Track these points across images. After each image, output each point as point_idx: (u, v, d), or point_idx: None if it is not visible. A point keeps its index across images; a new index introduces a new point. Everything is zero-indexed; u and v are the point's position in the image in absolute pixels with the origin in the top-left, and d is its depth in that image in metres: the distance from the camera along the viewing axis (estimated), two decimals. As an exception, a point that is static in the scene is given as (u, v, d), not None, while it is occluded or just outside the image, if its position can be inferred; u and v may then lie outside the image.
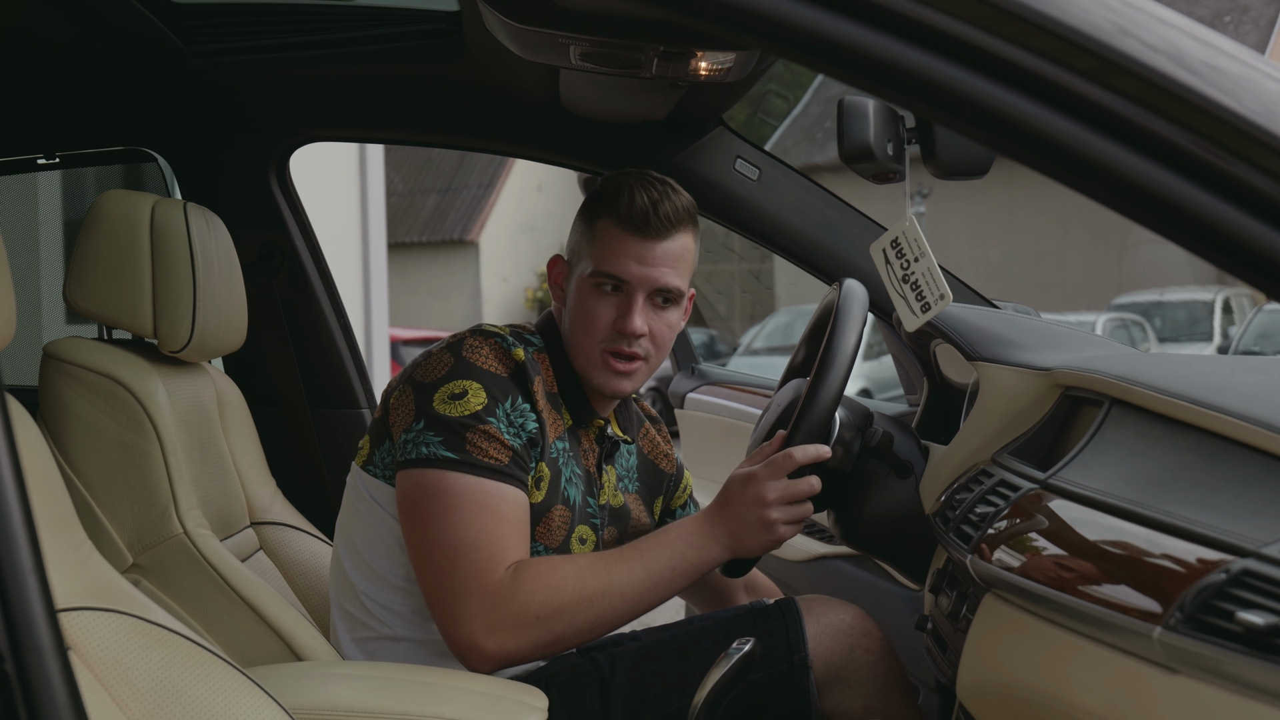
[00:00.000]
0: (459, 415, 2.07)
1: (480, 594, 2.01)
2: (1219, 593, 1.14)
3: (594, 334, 2.22)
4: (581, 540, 2.25)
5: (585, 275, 2.22)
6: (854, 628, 2.23)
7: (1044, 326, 2.28)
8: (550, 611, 2.03)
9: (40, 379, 2.19)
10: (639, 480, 2.48)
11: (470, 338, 2.16)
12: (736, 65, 2.27)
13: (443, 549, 2.04)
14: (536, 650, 2.05)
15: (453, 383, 2.10)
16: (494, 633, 2.01)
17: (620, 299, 2.22)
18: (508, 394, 2.11)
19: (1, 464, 0.94)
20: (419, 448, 2.07)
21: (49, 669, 0.93)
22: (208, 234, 2.29)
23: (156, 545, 2.13)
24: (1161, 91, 1.07)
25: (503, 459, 2.07)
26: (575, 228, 2.29)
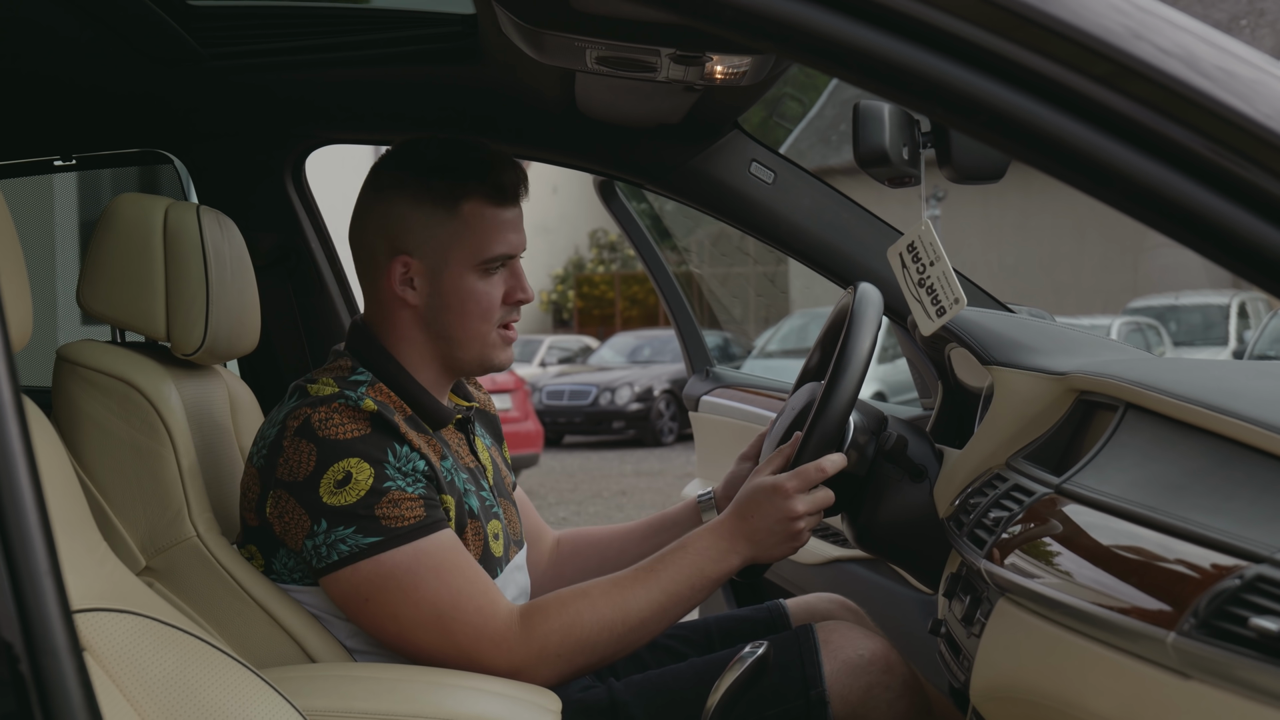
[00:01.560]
0: (356, 499, 1.97)
1: (491, 645, 2.00)
2: (1233, 598, 1.14)
3: (492, 318, 2.16)
4: (495, 536, 2.20)
5: (472, 266, 2.13)
6: (874, 663, 2.20)
7: (1059, 330, 2.28)
8: (570, 648, 2.03)
9: (54, 382, 2.20)
10: (488, 431, 2.44)
11: (313, 414, 2.01)
12: (752, 69, 2.28)
13: (427, 625, 2.00)
14: (562, 680, 2.06)
15: (329, 470, 1.98)
16: (519, 675, 2.01)
17: (505, 274, 2.17)
18: (384, 448, 2.01)
19: (18, 465, 0.95)
20: (336, 549, 1.98)
21: (64, 670, 0.94)
22: (221, 237, 2.29)
23: (170, 548, 2.13)
24: (1175, 96, 1.07)
25: (420, 513, 2.00)
26: (423, 220, 2.13)
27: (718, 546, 2.11)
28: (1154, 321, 18.74)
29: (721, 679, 1.93)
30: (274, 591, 2.13)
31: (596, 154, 2.91)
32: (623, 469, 15.68)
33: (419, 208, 2.13)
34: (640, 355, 21.87)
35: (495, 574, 2.17)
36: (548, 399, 18.90)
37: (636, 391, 18.74)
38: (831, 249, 2.75)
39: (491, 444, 2.41)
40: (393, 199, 2.15)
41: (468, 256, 2.13)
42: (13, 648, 0.93)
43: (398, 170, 2.16)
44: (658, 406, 18.74)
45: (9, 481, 0.94)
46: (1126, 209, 1.13)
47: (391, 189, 2.16)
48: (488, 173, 2.13)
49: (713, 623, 2.52)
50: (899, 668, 2.20)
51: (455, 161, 2.15)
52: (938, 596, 2.14)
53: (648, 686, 2.21)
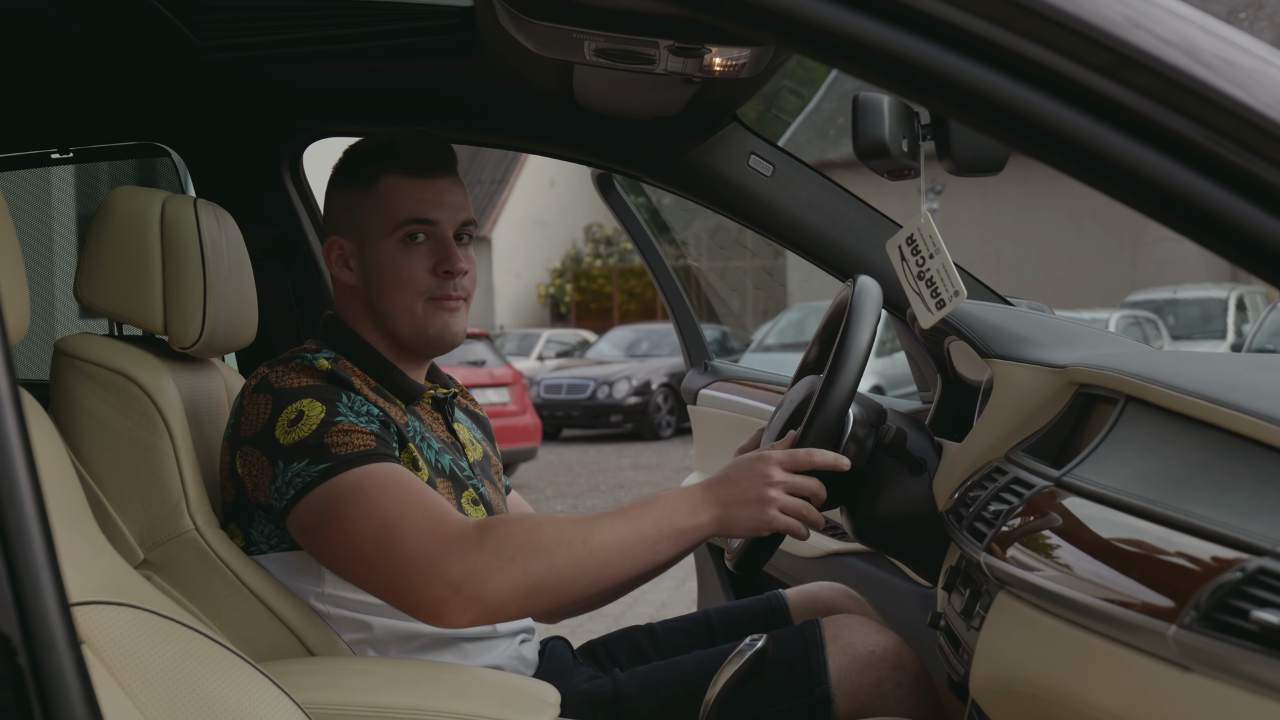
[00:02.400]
0: (308, 432, 2.01)
1: (442, 548, 1.92)
2: (1234, 591, 1.14)
3: (415, 288, 2.17)
4: (474, 502, 2.20)
5: (385, 235, 2.17)
6: (885, 659, 2.18)
7: (1058, 323, 2.27)
8: (527, 553, 1.93)
9: (51, 375, 2.19)
10: (478, 428, 2.45)
11: (270, 371, 2.10)
12: (751, 61, 2.27)
13: (371, 537, 1.96)
14: (516, 598, 1.94)
15: (283, 413, 2.04)
16: (471, 578, 1.91)
17: (432, 245, 2.18)
18: (338, 393, 2.07)
19: (16, 458, 0.94)
20: (292, 485, 2.01)
21: (63, 663, 0.93)
22: (218, 230, 2.29)
23: (168, 541, 2.13)
24: (1175, 86, 1.07)
25: (369, 443, 2.01)
26: (346, 202, 2.23)
27: (689, 499, 2.05)
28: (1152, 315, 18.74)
29: (720, 673, 1.93)
30: (272, 584, 2.13)
31: (594, 147, 2.91)
32: (620, 463, 15.68)
33: (342, 190, 2.24)
34: (638, 349, 21.87)
35: None
36: (545, 393, 18.90)
37: (634, 385, 18.75)
38: (830, 242, 2.75)
39: (482, 438, 2.42)
40: (330, 193, 2.27)
41: (384, 226, 2.18)
42: (11, 640, 0.92)
43: (337, 167, 2.27)
44: (655, 400, 18.75)
45: (7, 475, 0.94)
46: (1127, 200, 1.13)
47: (332, 185, 2.27)
48: (396, 147, 2.19)
49: (713, 614, 2.52)
50: (911, 663, 2.19)
51: (371, 143, 2.23)
52: (937, 590, 2.14)
53: (651, 679, 2.21)
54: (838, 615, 2.28)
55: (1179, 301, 19.76)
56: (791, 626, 2.28)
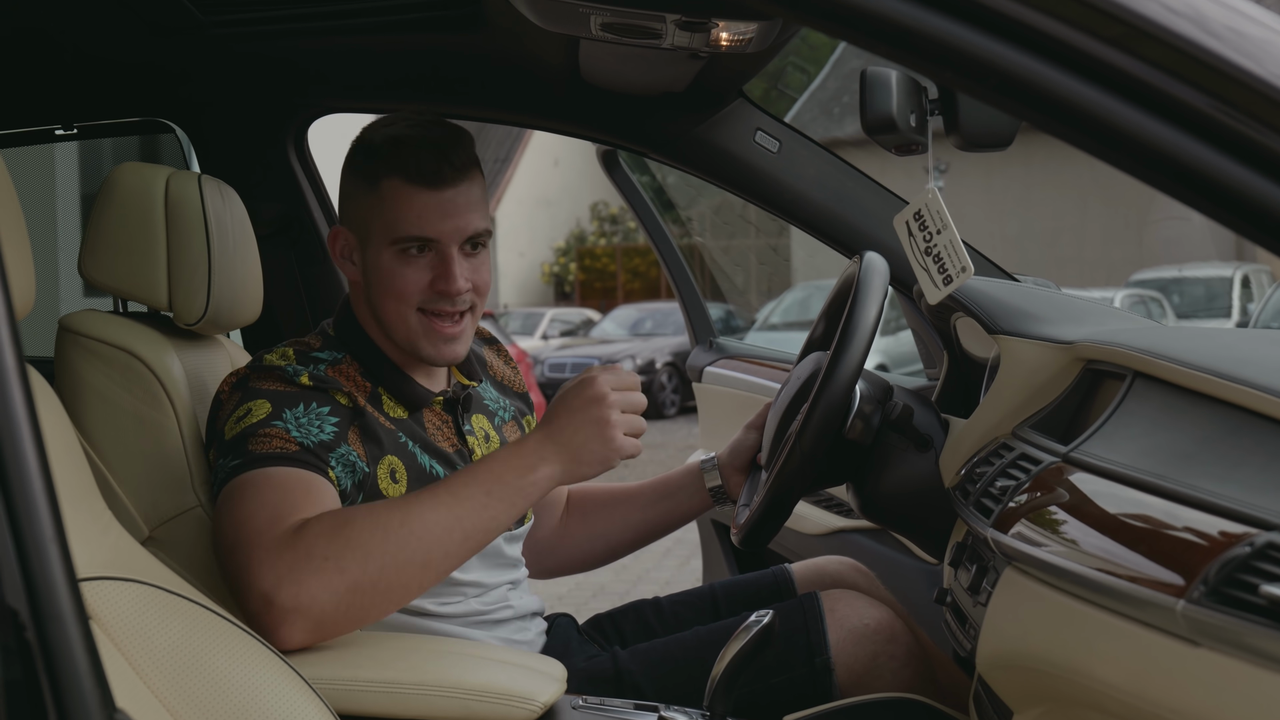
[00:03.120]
0: (242, 429, 1.95)
1: (262, 552, 1.80)
2: (1243, 566, 1.14)
3: (410, 301, 2.07)
4: None
5: (384, 243, 2.06)
6: (879, 632, 2.20)
7: (1065, 300, 2.27)
8: (338, 547, 1.80)
9: (56, 352, 2.19)
10: (503, 408, 2.36)
11: (251, 374, 2.03)
12: (758, 36, 2.26)
13: (227, 532, 1.87)
14: (337, 601, 1.80)
15: (239, 409, 1.98)
16: (281, 585, 1.78)
17: (432, 258, 2.07)
18: (296, 402, 1.97)
19: (23, 433, 0.94)
20: (217, 479, 1.95)
21: (70, 637, 0.93)
22: (223, 206, 2.28)
23: (173, 518, 2.13)
24: (1185, 57, 1.06)
25: (289, 448, 1.92)
26: (351, 193, 2.12)
27: (519, 451, 1.92)
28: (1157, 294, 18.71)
29: (727, 648, 1.93)
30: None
31: (600, 123, 2.90)
32: (625, 441, 15.66)
33: (351, 181, 2.13)
34: (642, 328, 21.86)
35: None
36: (550, 371, 18.90)
37: (638, 364, 18.74)
38: (836, 218, 2.74)
39: (512, 418, 2.36)
40: (343, 175, 2.16)
41: (382, 233, 2.07)
42: (19, 615, 0.92)
43: (351, 146, 2.16)
44: (660, 379, 18.75)
45: (13, 450, 0.94)
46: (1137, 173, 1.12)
47: (345, 167, 2.16)
48: (402, 150, 2.06)
49: (718, 589, 2.53)
50: (903, 636, 2.21)
51: (378, 136, 2.10)
52: (943, 566, 2.14)
53: (653, 655, 2.22)
54: (833, 590, 2.29)
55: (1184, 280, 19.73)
56: (791, 599, 2.29)
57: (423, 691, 1.82)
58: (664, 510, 2.51)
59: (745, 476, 2.49)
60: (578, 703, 1.95)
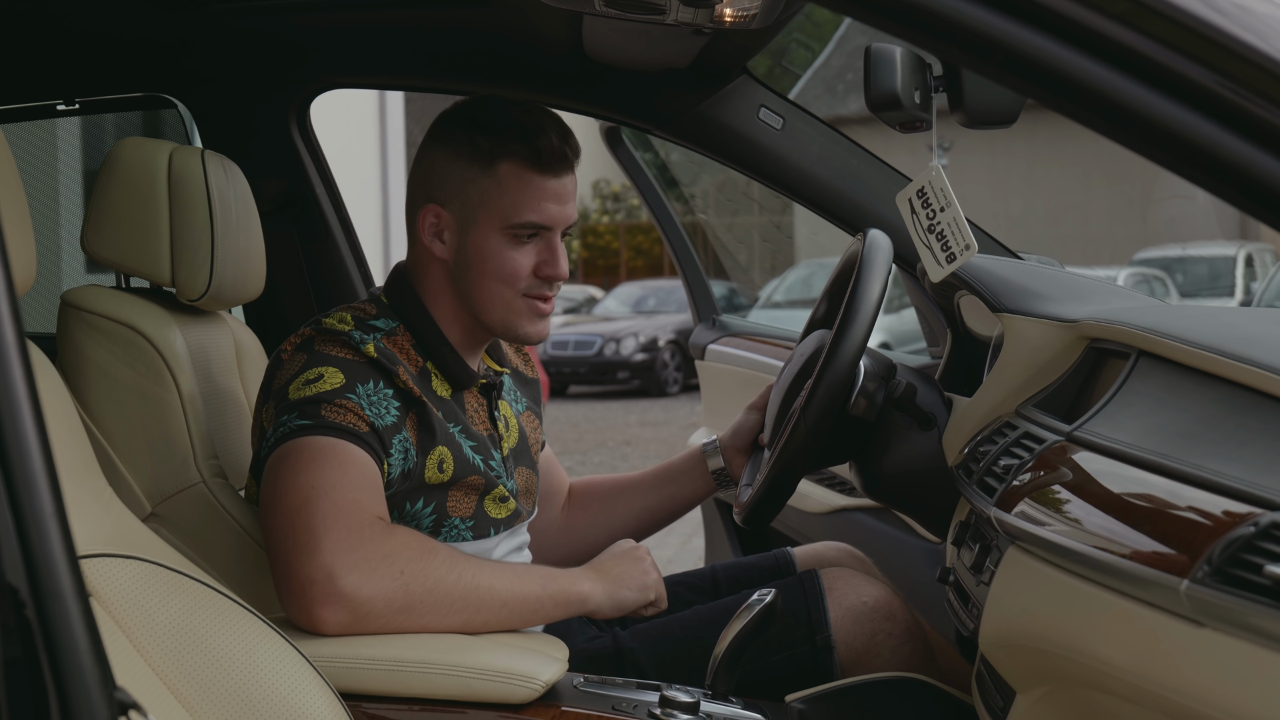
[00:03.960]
0: (314, 393, 1.94)
1: (345, 530, 1.84)
2: (1247, 546, 1.13)
3: (517, 285, 2.09)
4: (500, 500, 2.16)
5: (500, 228, 2.07)
6: (877, 610, 2.21)
7: (1069, 278, 2.26)
8: (415, 567, 1.87)
9: (58, 328, 2.19)
10: (524, 395, 2.40)
11: (317, 335, 2.02)
12: (762, 11, 2.25)
13: (298, 491, 1.88)
14: (386, 609, 1.85)
15: (307, 371, 1.97)
16: (352, 570, 1.82)
17: (540, 245, 2.09)
18: (368, 378, 1.98)
19: (23, 410, 0.94)
20: (277, 432, 1.95)
21: (70, 614, 0.93)
22: (225, 182, 2.28)
23: (175, 494, 2.13)
24: (1191, 33, 1.06)
25: (361, 427, 1.93)
26: (455, 174, 2.10)
27: (578, 572, 2.07)
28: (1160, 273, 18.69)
29: (729, 626, 1.93)
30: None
31: (603, 99, 2.89)
32: (628, 419, 15.69)
33: (456, 161, 2.10)
34: (645, 306, 21.85)
35: (487, 534, 2.14)
36: (552, 349, 18.90)
37: (641, 342, 18.74)
38: (840, 195, 2.73)
39: (527, 408, 2.38)
40: (436, 150, 2.12)
41: (496, 218, 2.07)
42: (19, 592, 0.92)
43: (449, 124, 2.13)
44: (662, 357, 18.74)
45: (14, 426, 0.93)
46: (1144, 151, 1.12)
47: (437, 140, 2.13)
48: (528, 134, 2.07)
49: (720, 570, 2.53)
50: (901, 614, 2.21)
51: (500, 119, 2.10)
52: (946, 545, 2.14)
53: (654, 634, 2.22)
54: (832, 569, 2.29)
55: (1187, 259, 19.70)
56: (791, 577, 2.29)
57: (424, 670, 1.82)
58: (667, 496, 2.52)
59: (747, 458, 2.49)
60: (579, 681, 1.95)
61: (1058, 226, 24.27)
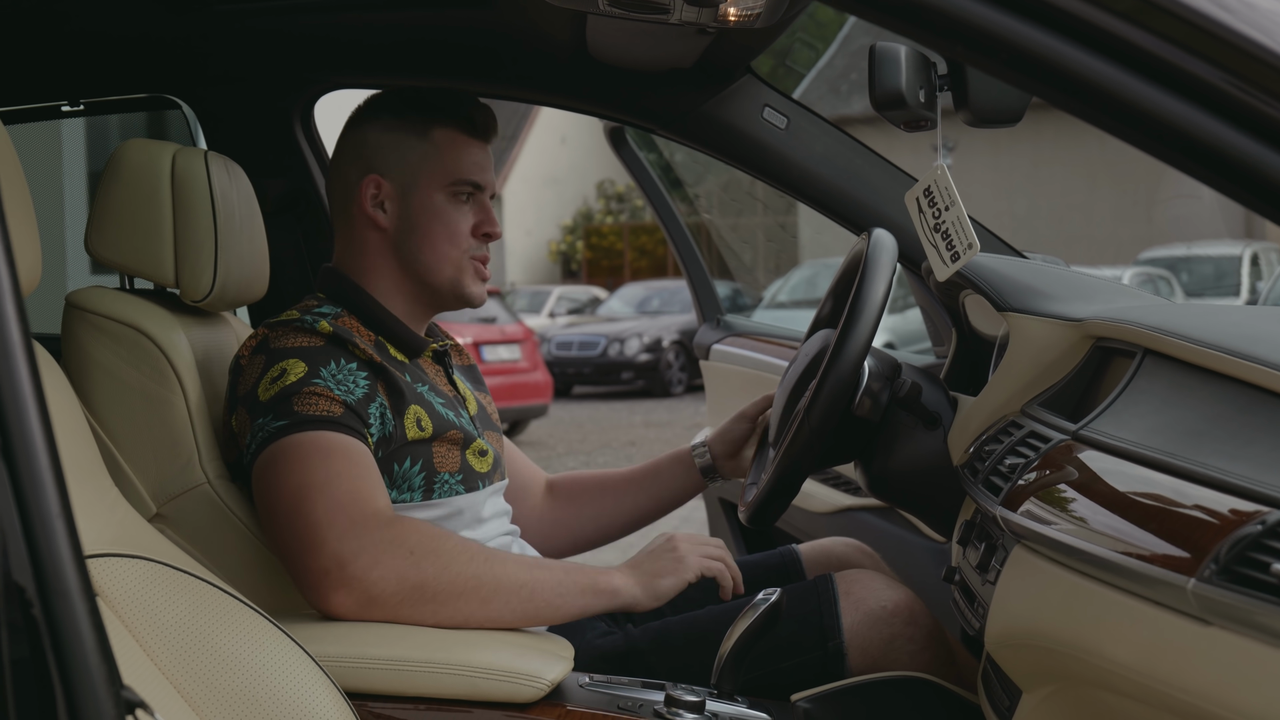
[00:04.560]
0: (280, 389, 1.99)
1: (346, 520, 1.89)
2: (1254, 544, 1.13)
3: (460, 244, 2.20)
4: (480, 453, 2.19)
5: (442, 187, 2.19)
6: (897, 615, 2.19)
7: (1074, 277, 2.26)
8: (427, 549, 1.90)
9: (63, 329, 2.19)
10: (469, 379, 2.45)
11: (270, 333, 2.08)
12: (766, 11, 2.25)
13: (291, 492, 1.92)
14: (399, 590, 1.88)
15: (270, 370, 2.03)
16: (361, 555, 1.87)
17: (475, 206, 2.22)
18: (329, 358, 2.03)
19: (29, 410, 0.94)
20: (256, 438, 1.99)
21: (77, 614, 0.93)
22: (229, 183, 2.28)
23: (180, 495, 2.13)
24: (1196, 30, 1.05)
25: (335, 410, 1.98)
26: (391, 143, 2.21)
27: (609, 570, 2.08)
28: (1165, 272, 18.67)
29: (734, 626, 1.93)
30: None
31: (607, 99, 2.89)
32: (632, 419, 15.70)
33: (391, 133, 2.22)
34: (649, 306, 21.85)
35: (477, 487, 2.17)
36: (557, 350, 18.91)
37: (645, 342, 18.75)
38: (845, 195, 2.73)
39: (473, 387, 2.42)
40: (365, 129, 2.24)
41: (437, 177, 2.19)
42: (25, 592, 0.92)
43: (374, 109, 2.26)
44: (667, 357, 18.75)
45: (20, 427, 0.93)
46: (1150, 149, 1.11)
47: (365, 122, 2.25)
48: (459, 105, 2.22)
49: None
50: (923, 618, 2.20)
51: (425, 98, 2.24)
52: (951, 544, 2.14)
53: (664, 633, 2.22)
54: (850, 570, 2.29)
55: (1193, 258, 19.68)
56: (805, 581, 2.28)
57: (430, 669, 1.82)
58: (655, 493, 2.55)
59: (735, 462, 2.51)
60: (585, 680, 1.95)
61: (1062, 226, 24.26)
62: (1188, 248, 19.86)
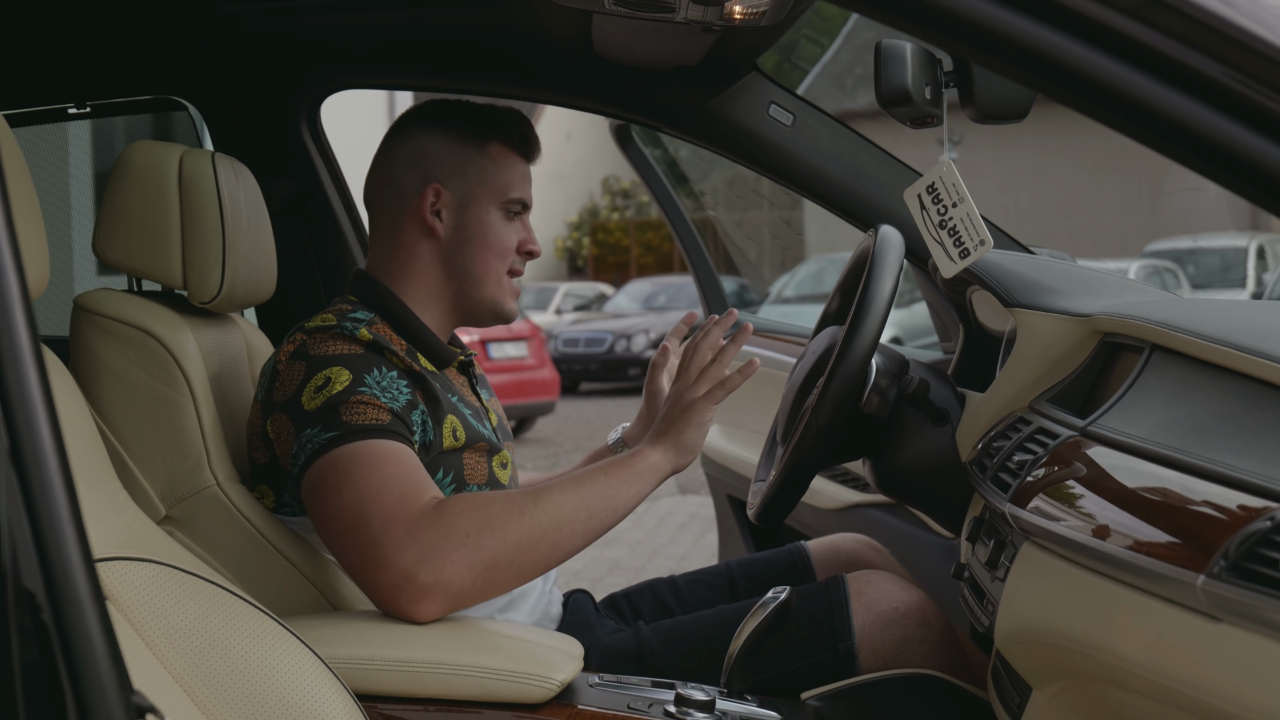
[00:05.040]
0: (327, 399, 1.98)
1: (401, 528, 1.86)
2: (1264, 540, 1.13)
3: (505, 260, 2.23)
4: (503, 465, 2.22)
5: (493, 202, 2.21)
6: (909, 616, 2.19)
7: (1081, 272, 2.26)
8: (480, 525, 1.88)
9: (71, 331, 2.19)
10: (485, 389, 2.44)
11: (308, 339, 2.07)
12: (771, 9, 2.25)
13: (347, 509, 1.91)
14: (475, 577, 1.87)
15: (312, 379, 2.01)
16: (424, 562, 1.85)
17: (520, 225, 2.26)
18: (371, 366, 2.03)
19: (38, 414, 0.94)
20: (304, 450, 1.98)
21: (87, 619, 0.93)
22: (236, 184, 2.28)
23: (189, 497, 2.13)
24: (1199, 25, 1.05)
25: (383, 418, 1.97)
26: (451, 153, 2.21)
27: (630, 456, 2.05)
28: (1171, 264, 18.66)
29: (744, 625, 1.93)
30: (294, 540, 2.13)
31: (614, 97, 2.89)
32: (639, 415, 15.66)
33: (450, 143, 2.22)
34: (655, 302, 21.85)
35: None
36: (563, 346, 18.92)
37: (652, 338, 18.76)
38: (851, 191, 2.73)
39: (490, 398, 2.41)
40: (423, 137, 2.23)
41: (494, 193, 2.21)
42: (35, 597, 0.92)
43: (429, 117, 2.25)
44: (673, 353, 18.72)
45: (29, 431, 0.93)
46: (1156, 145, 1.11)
47: (421, 130, 2.24)
48: (513, 123, 2.24)
49: (735, 566, 2.53)
50: (934, 619, 2.19)
51: (483, 111, 2.25)
52: (959, 541, 2.13)
53: (674, 633, 2.22)
54: (862, 571, 2.28)
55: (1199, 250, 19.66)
56: (815, 582, 2.28)
57: (440, 670, 1.82)
58: None
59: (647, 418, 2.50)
60: (595, 680, 1.96)
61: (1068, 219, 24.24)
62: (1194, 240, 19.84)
